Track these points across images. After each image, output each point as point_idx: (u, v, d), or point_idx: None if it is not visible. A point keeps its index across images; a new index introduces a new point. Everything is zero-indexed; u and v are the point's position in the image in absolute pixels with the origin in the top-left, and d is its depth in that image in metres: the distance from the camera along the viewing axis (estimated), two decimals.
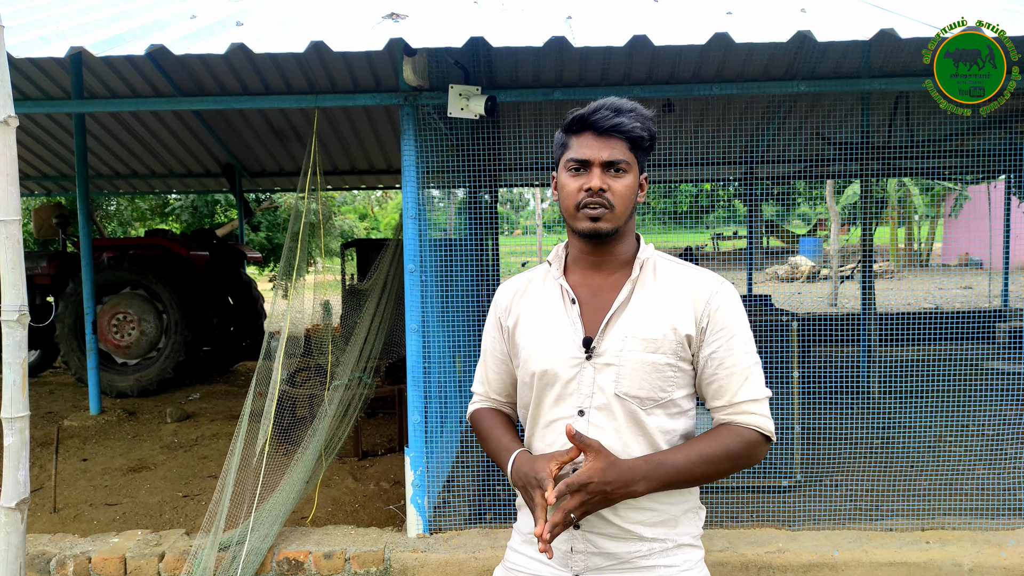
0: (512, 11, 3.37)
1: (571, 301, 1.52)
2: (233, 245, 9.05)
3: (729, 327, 1.48)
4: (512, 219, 38.12)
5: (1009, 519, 3.27)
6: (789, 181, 9.84)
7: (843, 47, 4.53)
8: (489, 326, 1.69)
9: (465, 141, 3.63)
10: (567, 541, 1.50)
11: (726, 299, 1.49)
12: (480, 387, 1.72)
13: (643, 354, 1.45)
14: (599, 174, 1.46)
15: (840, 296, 13.50)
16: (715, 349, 1.47)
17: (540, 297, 1.59)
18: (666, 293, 1.50)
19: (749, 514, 3.45)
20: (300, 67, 6.15)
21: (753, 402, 1.47)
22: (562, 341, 1.50)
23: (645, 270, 1.53)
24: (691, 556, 1.53)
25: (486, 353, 1.70)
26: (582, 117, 1.48)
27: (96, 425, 5.91)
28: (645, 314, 1.48)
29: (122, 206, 16.69)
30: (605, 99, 1.48)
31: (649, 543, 1.48)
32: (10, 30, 3.16)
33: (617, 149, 1.46)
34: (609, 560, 1.49)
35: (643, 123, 1.47)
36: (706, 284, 1.50)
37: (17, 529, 1.96)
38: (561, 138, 1.54)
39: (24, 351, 1.98)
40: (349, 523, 3.74)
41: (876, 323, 5.96)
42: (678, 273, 1.53)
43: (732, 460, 1.45)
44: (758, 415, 1.47)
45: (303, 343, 3.90)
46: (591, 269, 1.55)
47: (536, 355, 1.53)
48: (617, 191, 1.46)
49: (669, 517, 1.50)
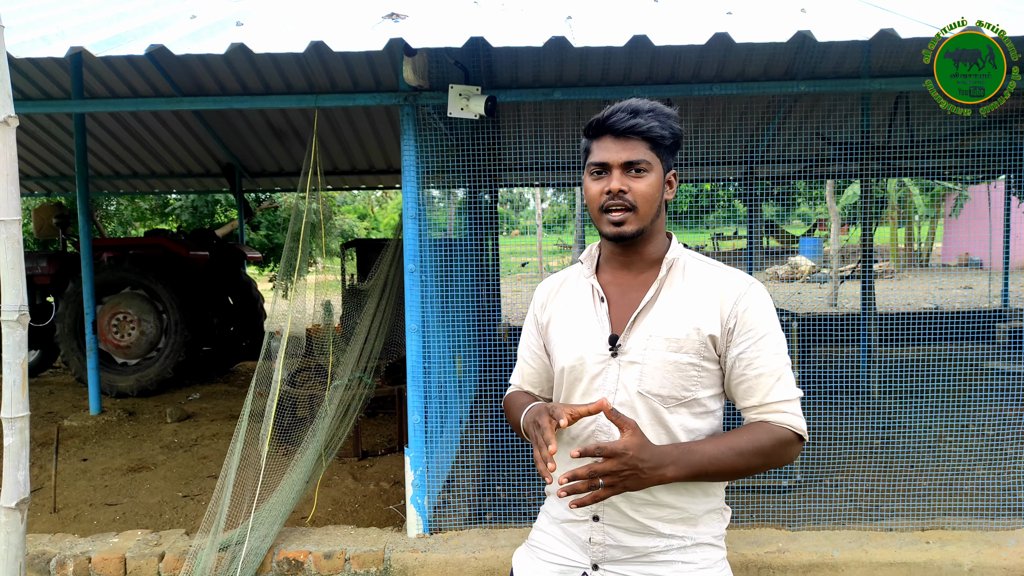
0: (512, 11, 3.37)
1: (600, 299, 1.55)
2: (233, 245, 9.05)
3: (758, 328, 1.47)
4: (512, 219, 38.12)
5: (1009, 519, 3.27)
6: (789, 181, 9.83)
7: (843, 47, 4.53)
8: (527, 322, 1.74)
9: (465, 141, 3.63)
10: (586, 532, 1.53)
11: (755, 300, 1.48)
12: (516, 378, 1.77)
13: (666, 353, 1.46)
14: (619, 176, 1.47)
15: (840, 296, 13.50)
16: (743, 350, 1.47)
17: (573, 295, 1.62)
18: (693, 293, 1.50)
19: (749, 514, 3.45)
20: (300, 67, 6.15)
21: (785, 402, 1.46)
22: (590, 338, 1.53)
23: (674, 270, 1.54)
24: (710, 555, 1.54)
25: (523, 348, 1.74)
26: (600, 121, 1.49)
27: (96, 425, 5.91)
28: (670, 314, 1.49)
29: (122, 206, 16.69)
30: (624, 101, 1.49)
31: (667, 539, 1.50)
32: (10, 30, 3.16)
33: (637, 150, 1.47)
34: (627, 553, 1.52)
35: (662, 122, 1.48)
36: (734, 285, 1.49)
37: (17, 529, 1.96)
38: (585, 144, 1.56)
39: (24, 351, 1.98)
40: (349, 523, 3.75)
41: (876, 323, 5.96)
42: (707, 273, 1.53)
43: (763, 456, 1.43)
44: (790, 414, 1.46)
45: (304, 343, 3.90)
46: (621, 268, 1.58)
47: (565, 351, 1.56)
48: (639, 191, 1.47)
49: (689, 515, 1.51)
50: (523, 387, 1.74)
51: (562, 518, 1.60)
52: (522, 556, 1.68)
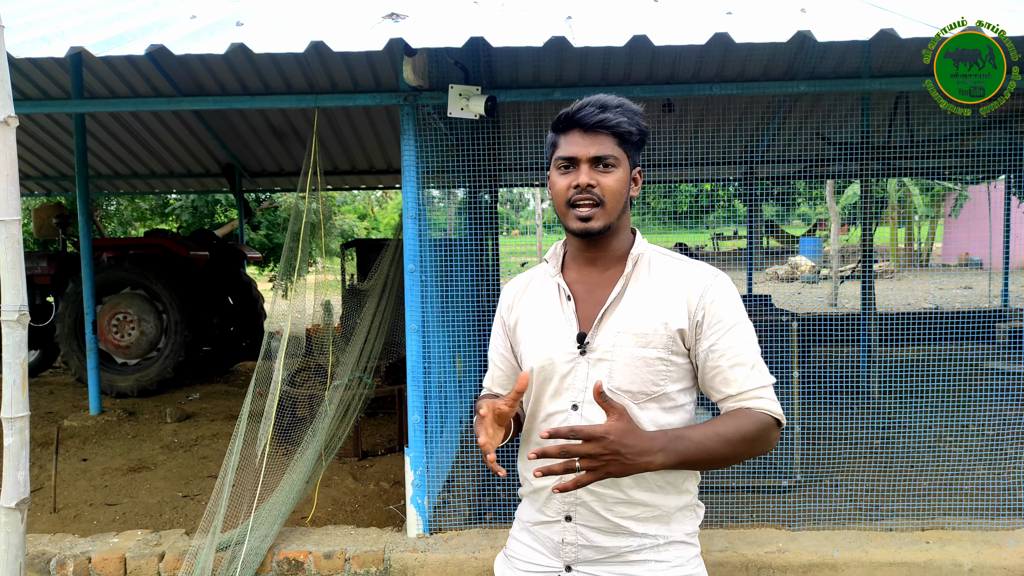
0: (512, 11, 3.37)
1: (567, 298, 1.55)
2: (233, 245, 9.05)
3: (727, 319, 1.47)
4: (512, 219, 38.10)
5: (1009, 519, 3.27)
6: (789, 181, 9.84)
7: (843, 47, 4.53)
8: (495, 324, 1.73)
9: (465, 141, 3.63)
10: (559, 533, 1.53)
11: (722, 291, 1.48)
12: (487, 381, 1.77)
13: (634, 349, 1.46)
14: (587, 170, 1.47)
15: (840, 296, 13.50)
16: (715, 342, 1.47)
17: (539, 295, 1.62)
18: (659, 288, 1.51)
19: (749, 514, 3.45)
20: (300, 67, 6.15)
21: (762, 388, 1.47)
22: (558, 337, 1.53)
23: (639, 265, 1.54)
24: (684, 553, 1.53)
25: (492, 350, 1.74)
26: (568, 115, 1.49)
27: (96, 425, 5.91)
28: (637, 309, 1.49)
29: (122, 206, 16.68)
30: (592, 96, 1.50)
31: (640, 538, 1.50)
32: (10, 30, 3.16)
33: (605, 145, 1.47)
34: (600, 554, 1.51)
35: (630, 118, 1.48)
36: (700, 278, 1.50)
37: (17, 529, 1.96)
38: (551, 138, 1.56)
39: (24, 351, 1.98)
40: (349, 523, 3.74)
41: (876, 323, 5.96)
42: (672, 268, 1.54)
43: (748, 442, 1.41)
44: (768, 400, 1.46)
45: (303, 343, 3.90)
46: (587, 265, 1.57)
47: (534, 351, 1.56)
48: (606, 186, 1.47)
49: (662, 513, 1.50)
50: (493, 390, 1.74)
51: (533, 521, 1.60)
52: (501, 566, 1.68)
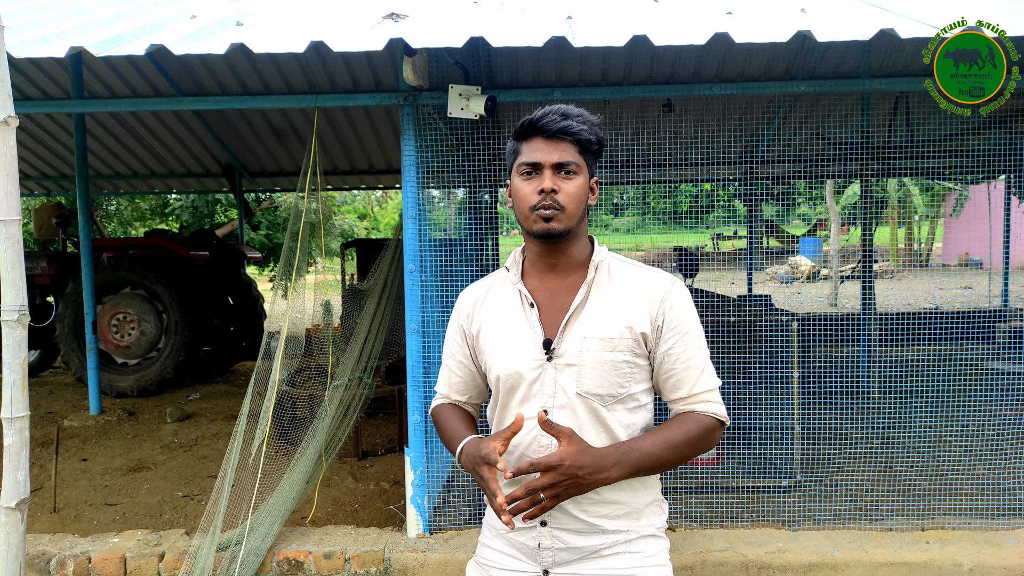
0: (512, 11, 3.37)
1: (530, 305, 1.57)
2: (233, 245, 9.05)
3: (683, 324, 1.54)
4: (512, 219, 38.09)
5: (1009, 519, 3.27)
6: (789, 181, 9.83)
7: (843, 47, 4.53)
8: (451, 331, 1.73)
9: (465, 141, 3.63)
10: (535, 538, 1.55)
11: (679, 298, 1.55)
12: (443, 388, 1.76)
13: (601, 353, 1.50)
14: (550, 176, 1.50)
15: (840, 296, 13.50)
16: (671, 346, 1.53)
17: (501, 302, 1.63)
18: (621, 293, 1.55)
19: (749, 514, 3.45)
20: (300, 67, 6.15)
21: (709, 391, 1.54)
22: (523, 344, 1.55)
23: (600, 272, 1.58)
24: (656, 545, 1.58)
25: (448, 357, 1.74)
26: (531, 122, 1.53)
27: (96, 425, 5.91)
28: (601, 314, 1.53)
29: (122, 206, 16.69)
30: (552, 105, 1.54)
31: (613, 535, 1.53)
32: (10, 30, 3.16)
33: (567, 152, 1.51)
34: (576, 554, 1.54)
35: (590, 127, 1.53)
36: (659, 284, 1.55)
37: (17, 529, 1.96)
38: (512, 145, 1.58)
39: (24, 351, 1.98)
40: (349, 523, 3.74)
41: (876, 323, 5.95)
42: (632, 274, 1.58)
43: (693, 446, 1.51)
44: (714, 403, 1.54)
45: (303, 343, 3.90)
46: (547, 272, 1.59)
47: (500, 359, 1.58)
48: (568, 192, 1.51)
49: (632, 510, 1.55)
50: (451, 396, 1.74)
51: (506, 529, 1.60)
52: (474, 574, 1.68)
